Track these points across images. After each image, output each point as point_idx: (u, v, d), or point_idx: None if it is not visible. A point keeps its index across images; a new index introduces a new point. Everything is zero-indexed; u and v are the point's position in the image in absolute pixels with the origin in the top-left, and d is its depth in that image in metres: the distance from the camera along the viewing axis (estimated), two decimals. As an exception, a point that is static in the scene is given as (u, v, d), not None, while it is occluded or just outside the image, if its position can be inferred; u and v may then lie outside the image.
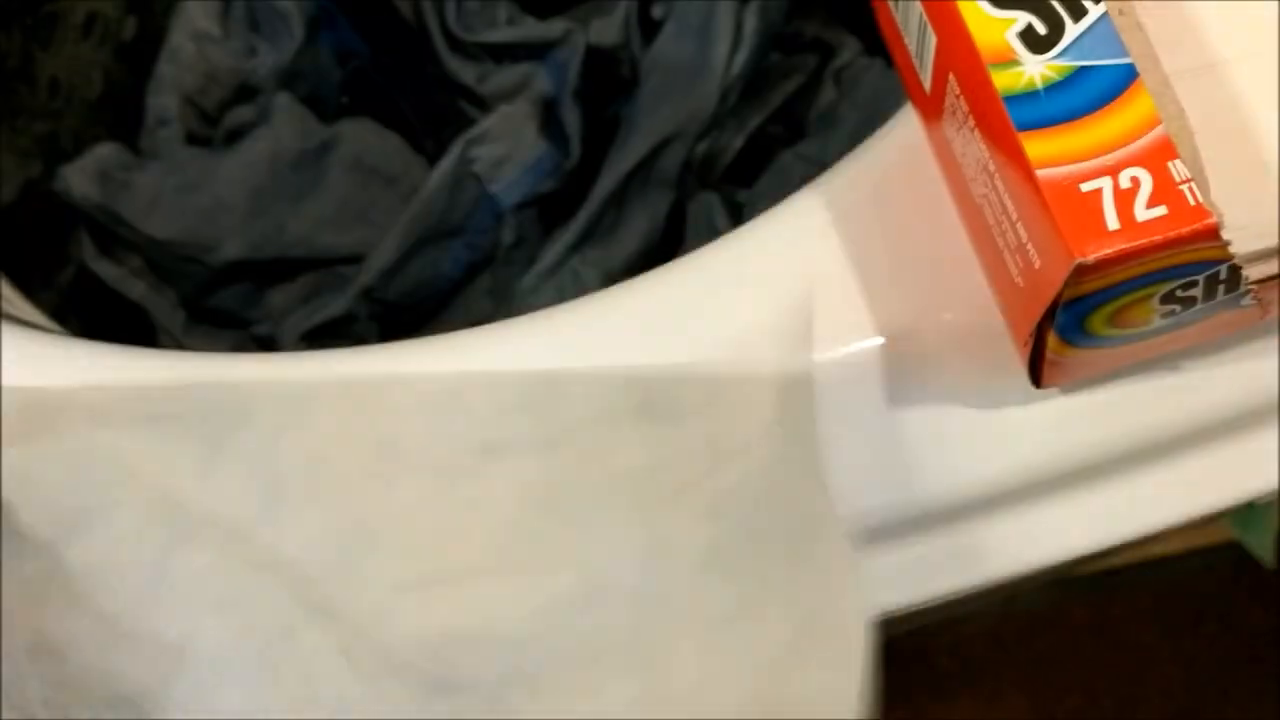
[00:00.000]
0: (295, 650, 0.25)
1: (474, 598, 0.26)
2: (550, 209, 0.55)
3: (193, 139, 0.56)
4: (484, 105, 0.56)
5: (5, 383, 0.26)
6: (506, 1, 0.57)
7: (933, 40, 0.23)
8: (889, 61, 0.59)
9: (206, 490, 0.26)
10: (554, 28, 0.56)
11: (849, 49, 0.58)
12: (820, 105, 0.58)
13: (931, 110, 0.25)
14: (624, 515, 0.26)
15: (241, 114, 0.55)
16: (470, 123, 0.55)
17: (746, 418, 0.26)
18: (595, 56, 0.56)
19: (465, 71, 0.56)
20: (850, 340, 0.28)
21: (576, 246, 0.55)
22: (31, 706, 0.25)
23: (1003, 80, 0.21)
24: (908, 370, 0.27)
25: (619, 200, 0.55)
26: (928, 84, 0.25)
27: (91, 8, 0.54)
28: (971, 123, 0.23)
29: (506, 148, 0.55)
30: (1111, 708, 0.76)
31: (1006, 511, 0.28)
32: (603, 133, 0.55)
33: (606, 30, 0.56)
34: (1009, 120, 0.21)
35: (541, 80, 0.56)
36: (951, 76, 0.23)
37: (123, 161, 0.54)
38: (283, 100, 0.55)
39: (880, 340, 0.27)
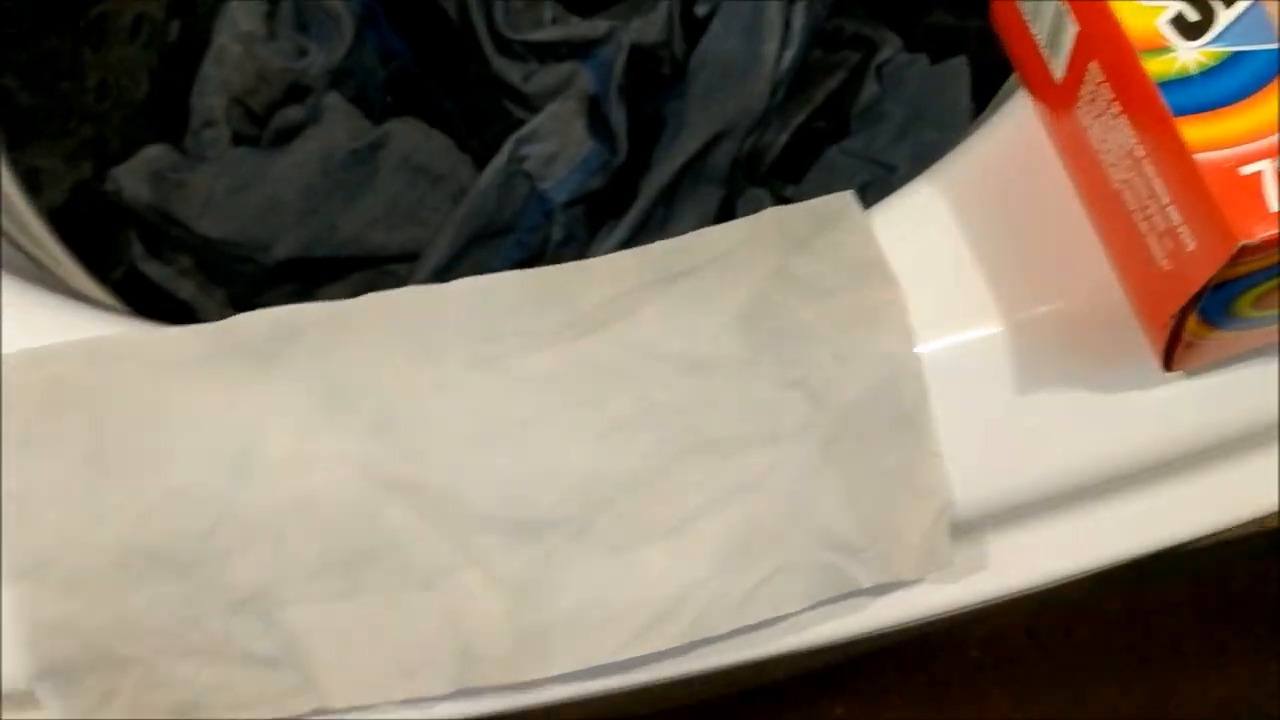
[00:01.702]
0: (382, 529, 0.26)
1: (537, 440, 0.27)
2: (595, 206, 0.55)
3: (239, 140, 0.56)
4: (528, 104, 0.56)
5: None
6: (550, 1, 0.57)
7: (1072, 30, 0.24)
8: (933, 58, 0.59)
9: (266, 403, 0.27)
10: (598, 26, 0.56)
11: (890, 45, 0.58)
12: (863, 101, 0.59)
13: (1061, 99, 0.25)
14: (659, 343, 0.28)
15: (291, 114, 0.55)
16: (515, 121, 0.55)
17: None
18: (636, 54, 0.56)
19: (511, 71, 0.56)
20: (970, 326, 0.28)
21: (627, 243, 0.55)
22: (166, 624, 0.26)
23: (1155, 67, 0.22)
24: (1028, 356, 0.27)
25: (669, 196, 0.55)
26: (1060, 73, 0.25)
27: (139, 9, 0.54)
28: (1116, 109, 0.23)
29: (556, 145, 0.55)
30: (1146, 698, 0.77)
31: (1128, 494, 0.28)
32: (644, 130, 0.55)
33: (648, 28, 0.56)
34: (1164, 106, 0.21)
35: (584, 79, 0.56)
36: (1093, 65, 0.23)
37: (173, 162, 0.53)
38: (333, 100, 0.55)
39: (1000, 327, 0.28)
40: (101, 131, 0.55)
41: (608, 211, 0.55)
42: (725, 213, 0.54)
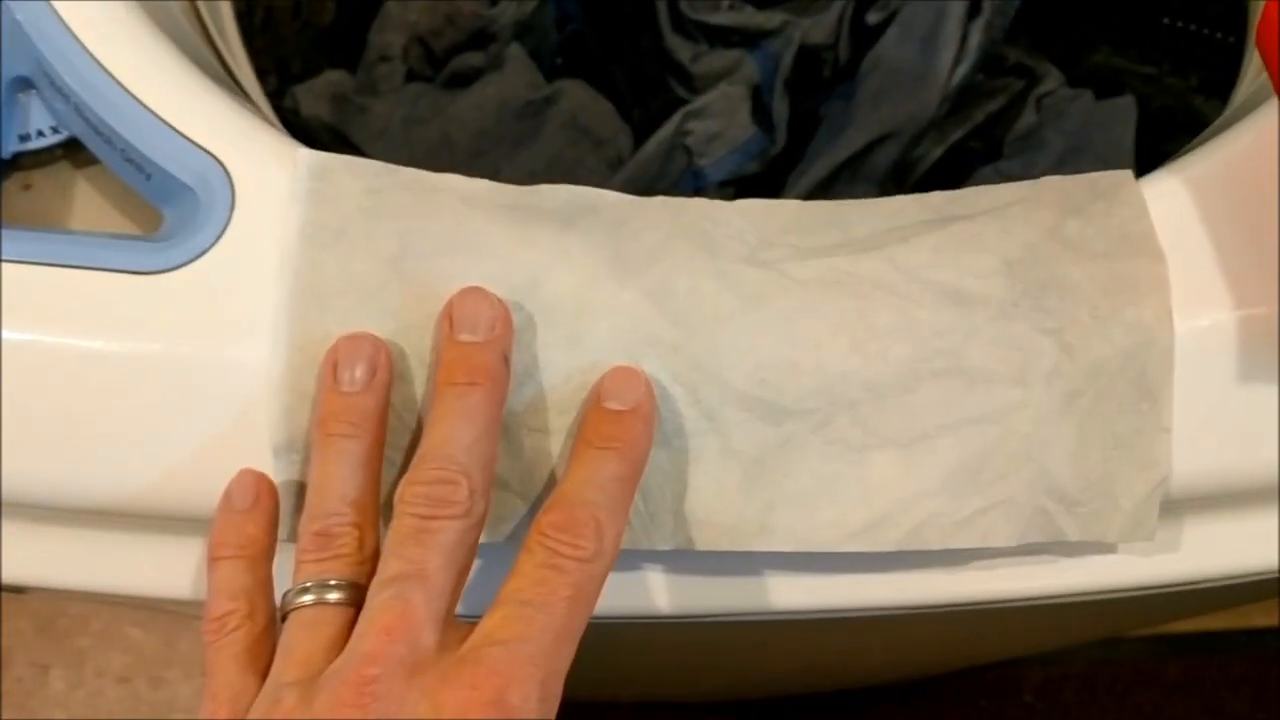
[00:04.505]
0: None
1: (797, 331, 0.28)
2: (743, 193, 0.56)
3: (410, 77, 0.57)
4: (691, 84, 0.58)
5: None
6: (730, -13, 0.58)
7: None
8: (1098, 94, 0.60)
9: (559, 250, 0.28)
10: (773, 18, 0.57)
11: (1053, 79, 0.59)
12: (1019, 128, 0.59)
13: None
14: (928, 270, 0.28)
15: (471, 59, 0.57)
16: (675, 98, 0.56)
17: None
18: (802, 52, 0.57)
19: (682, 49, 0.58)
20: (1208, 312, 0.28)
21: (776, 231, 0.56)
22: None
23: None
24: (1263, 348, 0.28)
25: (825, 189, 0.56)
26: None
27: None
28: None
29: (721, 125, 0.56)
30: (1199, 767, 0.76)
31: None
32: (798, 127, 0.57)
33: (817, 29, 0.58)
34: None
35: (749, 67, 0.57)
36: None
37: (354, 88, 0.55)
38: (515, 51, 0.56)
39: (1239, 315, 0.28)
40: (285, 52, 0.56)
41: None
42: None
